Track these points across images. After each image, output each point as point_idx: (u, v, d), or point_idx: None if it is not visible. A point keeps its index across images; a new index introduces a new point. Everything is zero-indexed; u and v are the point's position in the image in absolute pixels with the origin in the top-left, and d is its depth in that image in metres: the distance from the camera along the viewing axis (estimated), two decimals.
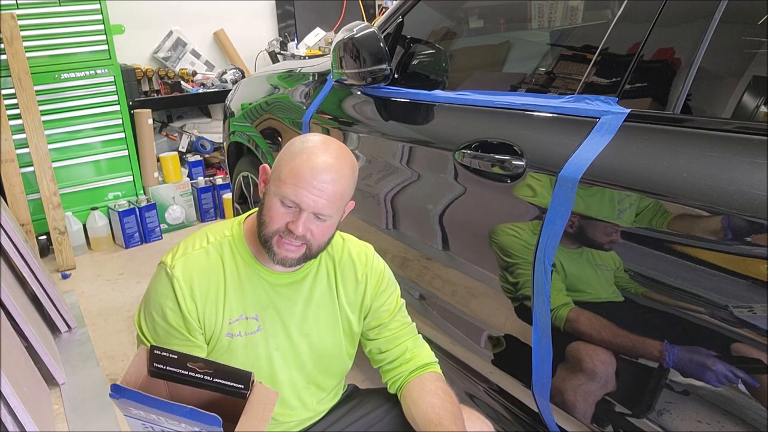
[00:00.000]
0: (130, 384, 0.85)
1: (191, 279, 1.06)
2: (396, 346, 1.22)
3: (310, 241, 1.04)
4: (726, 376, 0.91)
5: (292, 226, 1.00)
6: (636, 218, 1.01)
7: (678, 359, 0.98)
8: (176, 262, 1.06)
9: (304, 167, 1.00)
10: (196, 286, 1.06)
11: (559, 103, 1.20)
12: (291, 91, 2.19)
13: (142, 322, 1.08)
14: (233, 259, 1.10)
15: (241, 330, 1.10)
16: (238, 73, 3.92)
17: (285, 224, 1.01)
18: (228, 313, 1.09)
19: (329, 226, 1.05)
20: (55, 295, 2.49)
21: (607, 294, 1.09)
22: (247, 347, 1.12)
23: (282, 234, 1.02)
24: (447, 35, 1.92)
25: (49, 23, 3.14)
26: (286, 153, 1.05)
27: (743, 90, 0.98)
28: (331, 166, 1.01)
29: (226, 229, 1.13)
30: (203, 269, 1.07)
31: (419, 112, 1.60)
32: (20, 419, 1.62)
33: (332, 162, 1.02)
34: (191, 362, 0.88)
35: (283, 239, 1.02)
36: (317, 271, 1.17)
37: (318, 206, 1.00)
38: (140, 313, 1.10)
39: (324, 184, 1.00)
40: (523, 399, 1.37)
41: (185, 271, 1.06)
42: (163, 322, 1.06)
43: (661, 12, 1.07)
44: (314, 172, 0.99)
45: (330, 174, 1.01)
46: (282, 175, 1.02)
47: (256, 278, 1.11)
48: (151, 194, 3.59)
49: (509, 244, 1.27)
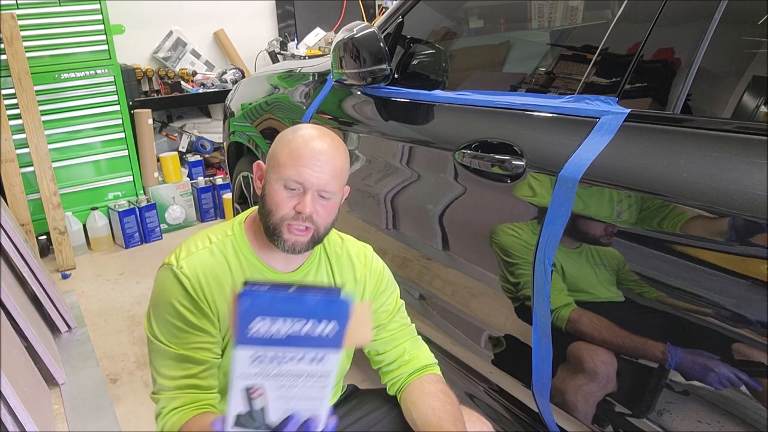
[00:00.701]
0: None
1: (200, 276, 1.06)
2: (394, 348, 1.22)
3: (317, 222, 1.05)
4: (727, 376, 0.91)
5: (299, 207, 1.02)
6: (635, 218, 1.01)
7: (678, 359, 0.98)
8: (182, 262, 1.06)
9: (303, 148, 1.03)
10: (205, 284, 1.06)
11: (559, 103, 1.20)
12: (291, 91, 2.19)
13: (155, 329, 1.06)
14: (236, 257, 1.10)
15: None
16: (238, 73, 3.92)
17: (291, 207, 1.03)
18: None
19: (333, 205, 1.07)
20: (55, 295, 2.49)
21: (607, 294, 1.09)
22: None
23: (290, 219, 1.03)
24: (447, 35, 1.92)
25: (49, 23, 3.14)
26: (280, 142, 1.07)
27: (743, 90, 0.98)
28: (328, 145, 1.05)
29: (227, 229, 1.13)
30: (210, 267, 1.08)
31: (419, 112, 1.60)
32: (20, 419, 1.62)
33: (328, 141, 1.06)
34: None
35: (292, 225, 1.03)
36: (317, 271, 1.17)
37: (321, 182, 1.02)
38: (150, 320, 1.07)
39: (324, 161, 1.03)
40: (523, 399, 1.37)
41: (193, 269, 1.06)
42: (178, 321, 1.04)
43: (661, 12, 1.07)
44: (313, 151, 1.02)
45: (328, 152, 1.04)
46: (281, 160, 1.03)
47: (259, 277, 1.11)
48: (151, 194, 3.59)
49: (509, 244, 1.27)
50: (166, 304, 1.05)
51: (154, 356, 1.07)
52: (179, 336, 1.05)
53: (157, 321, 1.06)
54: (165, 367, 1.05)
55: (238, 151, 2.66)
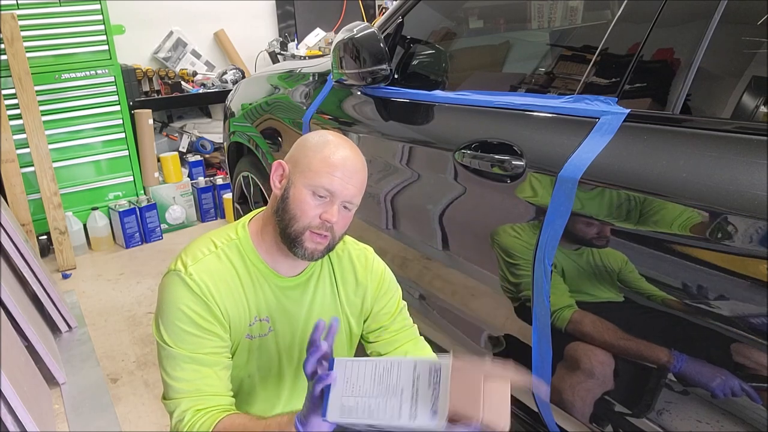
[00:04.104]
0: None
1: (208, 281, 1.04)
2: (396, 349, 1.22)
3: (335, 231, 1.05)
4: (728, 377, 0.91)
5: (326, 215, 1.02)
6: (635, 218, 1.01)
7: (678, 358, 0.98)
8: (191, 269, 1.04)
9: (336, 157, 1.03)
10: (215, 289, 1.04)
11: (558, 103, 1.20)
12: (291, 92, 2.20)
13: (165, 336, 1.04)
14: (242, 261, 1.09)
15: (257, 332, 1.10)
16: (239, 73, 3.93)
17: (317, 215, 1.02)
18: (247, 315, 1.08)
19: (351, 216, 1.08)
20: (56, 295, 2.50)
21: (607, 294, 1.09)
22: (260, 349, 1.12)
23: (314, 227, 1.02)
24: (447, 35, 1.92)
25: (50, 23, 3.14)
26: (308, 146, 1.06)
27: (743, 90, 0.98)
28: (356, 156, 1.06)
29: (231, 232, 1.12)
30: (219, 272, 1.06)
31: (419, 113, 1.60)
32: (20, 419, 1.62)
33: (356, 152, 1.07)
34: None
35: (314, 233, 1.03)
36: (320, 274, 1.17)
37: (350, 194, 1.03)
38: (160, 327, 1.05)
39: (354, 173, 1.03)
40: (523, 399, 1.37)
41: (201, 274, 1.04)
42: (190, 327, 1.03)
43: (660, 12, 1.07)
44: (345, 162, 1.03)
45: (358, 164, 1.05)
46: (313, 166, 1.02)
47: (265, 281, 1.10)
48: (152, 194, 3.59)
49: (509, 244, 1.27)
50: (176, 311, 1.03)
51: (166, 362, 1.04)
52: (192, 342, 1.03)
53: (167, 328, 1.04)
54: (179, 371, 1.03)
55: (239, 151, 2.67)
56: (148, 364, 2.31)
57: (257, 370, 1.15)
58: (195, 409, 1.01)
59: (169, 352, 1.03)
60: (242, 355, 1.11)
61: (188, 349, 1.03)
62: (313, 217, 1.02)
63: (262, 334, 1.11)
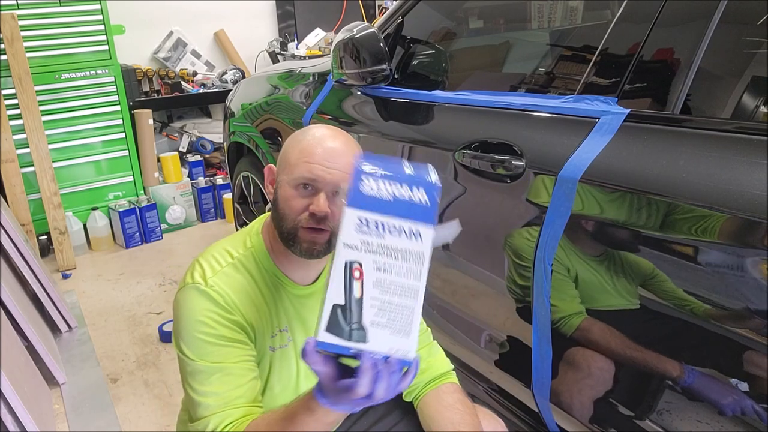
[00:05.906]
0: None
1: (231, 293, 1.01)
2: None
3: (332, 223, 0.99)
4: (728, 377, 0.91)
5: (313, 207, 0.97)
6: (635, 218, 1.01)
7: (677, 358, 0.98)
8: (211, 281, 1.00)
9: (314, 146, 0.99)
10: (238, 301, 1.01)
11: (558, 104, 1.20)
12: (291, 92, 2.20)
13: (186, 350, 0.99)
14: (259, 272, 1.06)
15: (278, 343, 1.08)
16: (239, 73, 3.93)
17: (305, 208, 0.98)
18: (269, 327, 1.06)
19: None
20: (56, 295, 2.50)
21: (607, 295, 1.09)
22: (281, 360, 1.10)
23: (304, 222, 0.98)
24: (447, 35, 1.92)
25: (50, 23, 3.15)
26: (291, 143, 1.04)
27: (743, 90, 0.98)
28: (341, 141, 1.01)
29: (245, 240, 1.09)
30: (240, 284, 1.03)
31: (419, 113, 1.60)
32: (20, 419, 1.62)
33: (341, 138, 1.02)
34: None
35: (307, 228, 0.99)
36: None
37: (335, 179, 0.97)
38: (180, 342, 1.00)
39: (336, 158, 0.98)
40: (523, 399, 1.37)
41: (223, 286, 1.01)
42: (213, 337, 0.98)
43: (660, 12, 1.07)
44: (325, 148, 0.98)
45: (340, 148, 0.99)
46: (292, 160, 0.99)
47: (282, 290, 1.08)
48: (152, 194, 3.59)
49: (521, 246, 1.27)
50: (196, 324, 0.99)
51: (191, 378, 0.99)
52: (217, 352, 0.99)
53: (188, 343, 0.99)
54: (207, 385, 0.98)
55: (239, 151, 2.67)
56: (148, 364, 2.31)
57: (278, 381, 1.12)
58: (224, 423, 0.97)
59: (194, 367, 0.99)
60: (265, 369, 1.08)
61: (213, 360, 0.98)
62: (300, 212, 0.98)
63: (282, 345, 1.09)
